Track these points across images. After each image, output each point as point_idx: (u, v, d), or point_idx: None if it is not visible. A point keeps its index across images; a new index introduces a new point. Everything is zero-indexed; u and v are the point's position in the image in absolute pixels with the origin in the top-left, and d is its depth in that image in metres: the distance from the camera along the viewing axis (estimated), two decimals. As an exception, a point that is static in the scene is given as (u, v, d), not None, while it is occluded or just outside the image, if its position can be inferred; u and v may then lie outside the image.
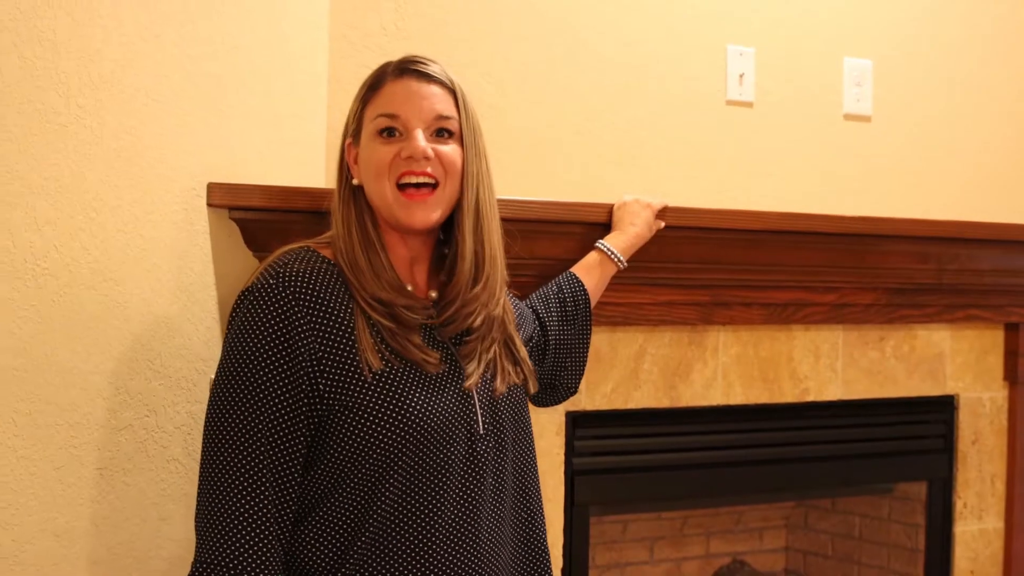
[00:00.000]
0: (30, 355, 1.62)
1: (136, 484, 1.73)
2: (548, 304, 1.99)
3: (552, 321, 1.96)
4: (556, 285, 2.03)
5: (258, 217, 1.93)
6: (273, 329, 1.47)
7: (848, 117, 2.98)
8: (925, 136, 3.09)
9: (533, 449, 1.71)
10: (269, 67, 1.96)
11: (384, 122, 1.56)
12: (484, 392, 1.60)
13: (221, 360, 1.51)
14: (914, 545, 3.09)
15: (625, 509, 2.97)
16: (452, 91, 1.59)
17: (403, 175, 1.55)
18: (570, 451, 2.46)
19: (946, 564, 3.02)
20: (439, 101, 1.57)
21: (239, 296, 1.52)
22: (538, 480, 1.71)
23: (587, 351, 2.04)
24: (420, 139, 1.55)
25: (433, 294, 1.63)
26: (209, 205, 1.87)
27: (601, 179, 2.61)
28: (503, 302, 1.66)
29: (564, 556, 2.44)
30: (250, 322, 1.48)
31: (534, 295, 2.02)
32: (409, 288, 1.59)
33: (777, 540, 3.46)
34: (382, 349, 1.52)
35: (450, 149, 1.57)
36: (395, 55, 2.31)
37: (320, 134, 2.13)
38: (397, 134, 1.56)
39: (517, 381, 1.65)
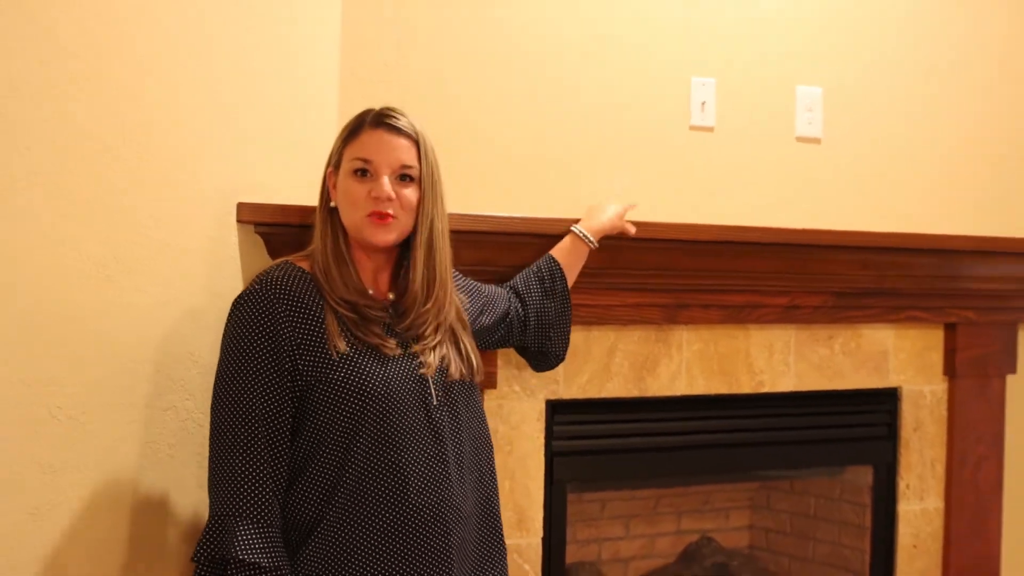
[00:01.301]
0: (94, 347, 1.93)
1: (178, 456, 2.04)
2: (528, 283, 2.32)
3: (532, 297, 2.29)
4: (535, 266, 2.35)
5: (278, 231, 2.21)
6: (260, 324, 1.81)
7: (800, 139, 3.12)
8: (870, 156, 3.22)
9: (485, 424, 2.04)
10: (286, 102, 2.24)
11: (359, 164, 1.90)
12: (437, 373, 1.92)
13: (221, 354, 1.86)
14: (862, 523, 3.26)
15: (599, 487, 3.16)
16: (416, 143, 1.92)
17: (371, 213, 1.88)
18: (550, 435, 2.68)
19: (891, 540, 3.20)
20: (404, 152, 1.90)
21: (234, 302, 1.87)
22: (491, 449, 2.04)
23: (569, 322, 2.36)
24: (386, 184, 1.88)
25: (391, 296, 1.96)
26: (238, 221, 2.16)
27: (577, 195, 2.79)
28: (452, 311, 1.98)
29: (544, 527, 2.67)
30: (242, 320, 1.83)
31: (517, 276, 2.34)
32: (371, 292, 1.93)
33: (742, 519, 3.61)
34: (348, 337, 1.85)
35: (409, 192, 1.91)
36: (397, 88, 2.62)
37: (325, 150, 2.40)
38: (369, 175, 1.89)
39: (463, 370, 1.96)
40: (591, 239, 2.40)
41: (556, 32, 2.80)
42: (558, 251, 2.39)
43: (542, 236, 2.47)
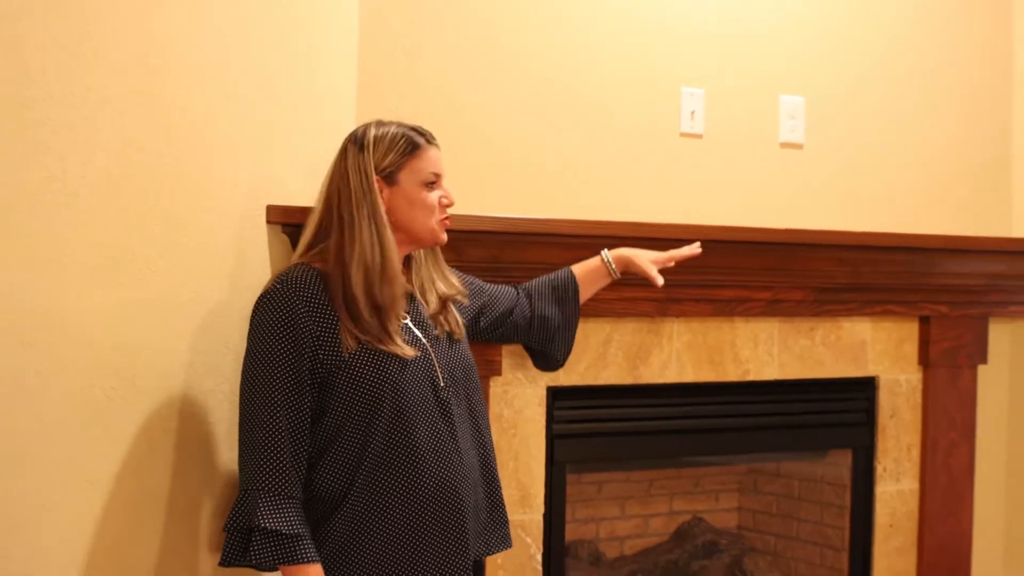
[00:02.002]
0: (138, 336, 2.13)
1: (216, 433, 2.24)
2: (542, 289, 2.53)
3: (541, 301, 2.50)
4: (553, 274, 2.55)
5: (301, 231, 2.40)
6: (282, 320, 2.03)
7: (783, 145, 3.27)
8: (849, 160, 3.37)
9: (482, 399, 2.26)
10: (308, 115, 2.44)
11: (432, 177, 2.15)
12: (442, 358, 2.14)
13: (247, 346, 2.08)
14: (842, 503, 3.42)
15: (595, 468, 3.34)
16: None
17: (444, 217, 2.17)
18: (550, 419, 2.88)
19: (868, 519, 3.38)
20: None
21: (257, 300, 2.09)
22: (488, 421, 2.27)
23: (574, 331, 2.56)
24: (451, 192, 2.18)
25: (409, 287, 2.18)
26: (267, 222, 2.35)
27: (577, 198, 2.97)
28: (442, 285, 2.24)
29: (545, 504, 2.87)
30: (265, 317, 2.05)
31: (534, 280, 2.55)
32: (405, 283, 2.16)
33: (731, 501, 3.77)
34: (356, 336, 2.06)
35: None
36: (409, 98, 2.79)
37: None
38: (436, 186, 2.15)
39: (454, 330, 2.21)
40: (613, 267, 2.55)
41: (555, 45, 2.97)
42: (579, 267, 2.57)
43: (544, 235, 2.67)
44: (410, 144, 2.15)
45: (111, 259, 2.07)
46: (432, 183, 2.15)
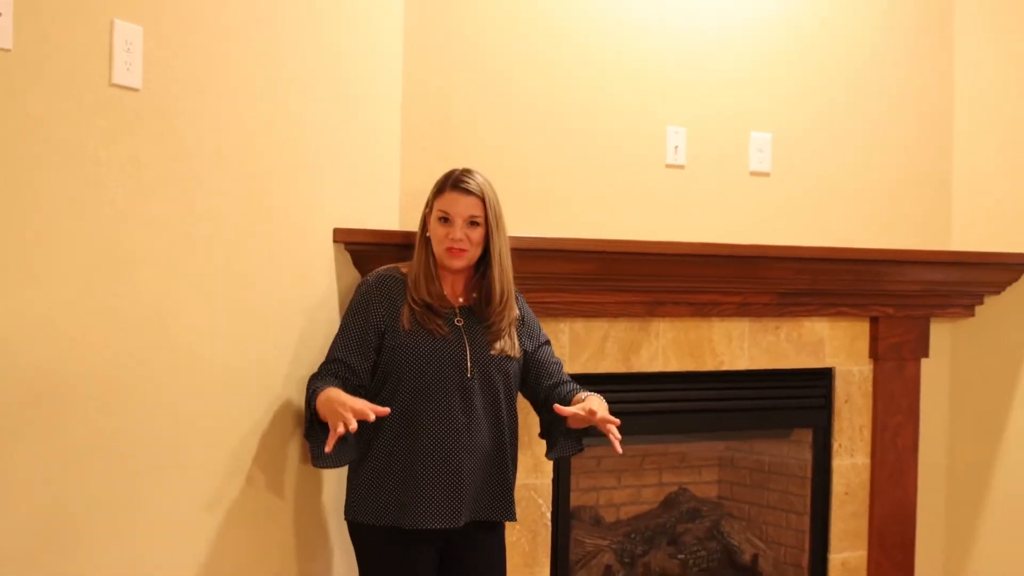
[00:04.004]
0: (236, 349, 2.59)
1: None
2: (551, 364, 2.86)
3: (546, 369, 2.85)
4: (564, 383, 2.82)
5: (362, 250, 2.94)
6: (360, 298, 2.67)
7: (753, 174, 3.61)
8: (809, 185, 3.72)
9: (514, 405, 2.76)
10: (361, 157, 2.96)
11: (442, 214, 2.67)
12: (478, 354, 2.67)
13: (348, 306, 2.72)
14: (804, 475, 3.79)
15: (595, 443, 3.35)
16: (482, 199, 2.67)
17: (449, 247, 2.66)
18: None
19: (827, 488, 3.75)
20: (472, 207, 2.65)
21: (359, 283, 2.75)
22: (515, 421, 2.76)
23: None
24: (458, 231, 2.64)
25: (461, 300, 2.72)
26: (334, 241, 2.88)
27: (579, 219, 3.33)
28: (515, 311, 2.73)
29: (554, 471, 3.31)
30: (357, 292, 2.70)
31: (553, 361, 2.86)
32: (446, 294, 2.70)
33: (711, 474, 4.08)
34: (414, 321, 2.65)
35: (474, 233, 2.66)
36: (440, 140, 3.20)
37: (395, 196, 3.12)
38: (448, 222, 2.66)
39: (507, 350, 2.71)
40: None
41: (564, 95, 3.36)
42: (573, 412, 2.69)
43: (552, 251, 3.11)
44: (438, 187, 2.72)
45: (217, 276, 2.54)
46: (442, 219, 2.68)
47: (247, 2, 2.60)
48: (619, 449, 2.62)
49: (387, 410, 2.51)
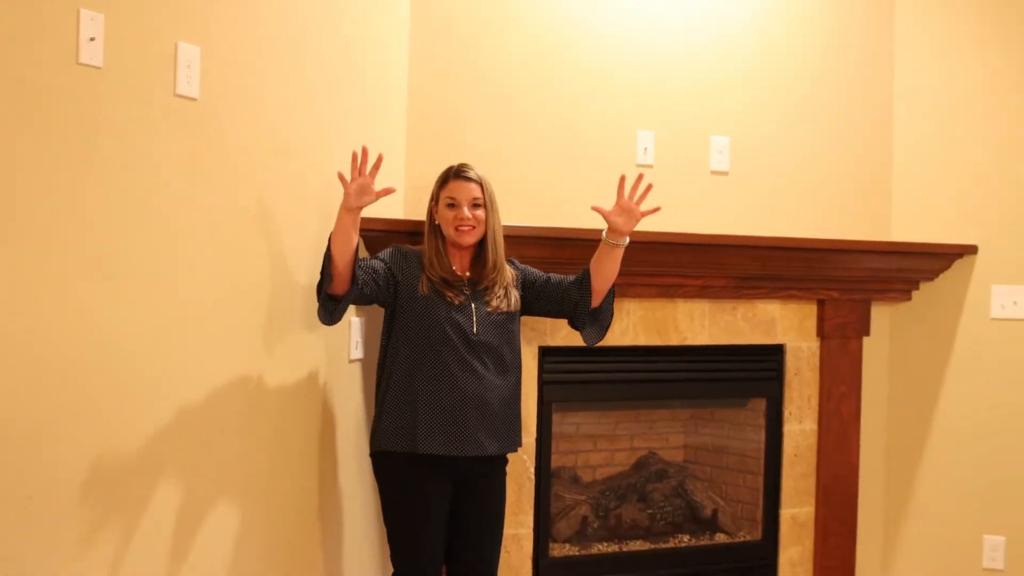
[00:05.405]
0: (292, 303, 3.03)
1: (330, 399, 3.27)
2: (563, 281, 3.30)
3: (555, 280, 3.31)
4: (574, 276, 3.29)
5: (376, 235, 3.36)
6: (391, 253, 3.10)
7: (713, 173, 3.97)
8: (762, 183, 4.04)
9: (517, 359, 3.19)
10: (376, 152, 3.33)
11: (450, 200, 3.12)
12: (482, 316, 3.10)
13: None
14: (759, 439, 4.16)
15: (574, 408, 4.02)
16: (480, 184, 3.13)
17: (458, 225, 3.10)
18: (542, 369, 3.70)
19: (778, 451, 4.12)
20: (474, 191, 3.12)
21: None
22: (518, 375, 3.19)
23: (591, 298, 3.26)
24: (466, 211, 3.10)
25: (467, 274, 3.16)
26: None
27: (562, 211, 3.74)
28: (507, 276, 3.17)
29: (538, 431, 3.71)
30: (386, 253, 3.09)
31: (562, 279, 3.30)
32: (455, 270, 3.13)
33: (678, 440, 4.41)
34: (431, 287, 3.07)
35: (479, 212, 3.12)
36: (443, 147, 3.63)
37: (401, 190, 3.53)
38: (456, 206, 3.11)
39: (504, 305, 3.13)
40: (607, 237, 3.18)
41: (548, 105, 3.80)
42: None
43: (538, 238, 3.55)
44: (442, 179, 3.17)
45: (255, 253, 2.98)
46: (450, 204, 3.13)
47: (283, 26, 3.06)
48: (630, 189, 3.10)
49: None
